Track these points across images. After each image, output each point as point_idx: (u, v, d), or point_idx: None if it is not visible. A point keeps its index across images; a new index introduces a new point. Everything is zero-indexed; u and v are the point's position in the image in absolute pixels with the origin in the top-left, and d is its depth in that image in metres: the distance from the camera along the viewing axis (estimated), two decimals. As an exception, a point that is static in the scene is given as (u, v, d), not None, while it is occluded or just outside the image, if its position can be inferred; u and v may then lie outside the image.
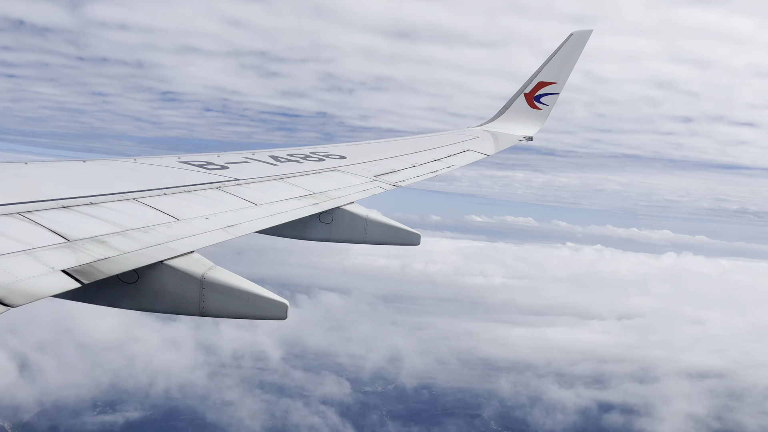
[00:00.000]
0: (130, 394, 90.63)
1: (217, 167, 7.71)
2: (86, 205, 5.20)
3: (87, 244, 4.42)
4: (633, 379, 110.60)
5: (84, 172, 6.40)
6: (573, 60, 14.39)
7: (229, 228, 5.70)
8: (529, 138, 14.99)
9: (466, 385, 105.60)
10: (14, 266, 3.82)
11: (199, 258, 4.95)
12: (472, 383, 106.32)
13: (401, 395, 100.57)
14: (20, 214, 4.63)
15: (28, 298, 3.59)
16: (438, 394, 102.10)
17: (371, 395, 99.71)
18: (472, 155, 12.52)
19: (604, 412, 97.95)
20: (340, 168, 9.31)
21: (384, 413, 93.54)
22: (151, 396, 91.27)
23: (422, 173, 10.31)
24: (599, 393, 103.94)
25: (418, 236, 7.77)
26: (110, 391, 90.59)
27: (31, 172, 5.98)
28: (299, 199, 7.22)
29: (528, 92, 15.04)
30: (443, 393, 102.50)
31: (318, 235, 7.63)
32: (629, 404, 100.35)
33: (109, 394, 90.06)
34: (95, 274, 4.09)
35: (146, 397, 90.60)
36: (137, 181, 6.35)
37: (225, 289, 4.79)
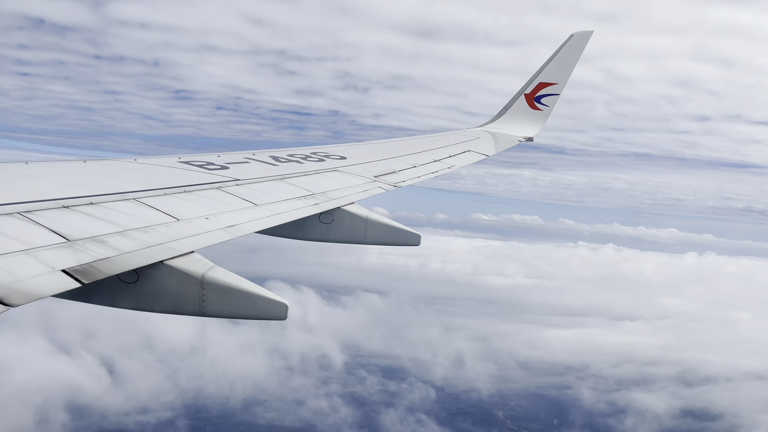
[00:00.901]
0: (210, 400, 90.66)
1: (217, 167, 7.71)
2: (86, 205, 5.20)
3: (87, 244, 4.42)
4: (679, 382, 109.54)
5: (84, 172, 6.40)
6: (573, 61, 14.40)
7: (230, 228, 5.70)
8: (529, 139, 14.99)
9: (530, 390, 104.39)
10: (14, 266, 3.82)
11: (199, 258, 4.95)
12: (531, 388, 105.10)
13: (479, 400, 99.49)
14: (20, 213, 4.63)
15: (28, 297, 3.59)
16: (510, 399, 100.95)
17: (455, 400, 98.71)
18: (473, 156, 12.53)
19: (660, 416, 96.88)
20: (341, 168, 9.31)
21: (476, 419, 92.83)
22: (231, 401, 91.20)
23: (422, 174, 10.31)
24: (648, 396, 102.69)
25: (418, 237, 7.77)
26: (189, 397, 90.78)
27: (32, 172, 5.98)
28: (299, 200, 7.22)
29: (528, 93, 15.04)
30: (515, 397, 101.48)
31: (318, 236, 7.62)
32: (686, 408, 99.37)
33: (189, 400, 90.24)
34: (95, 274, 4.09)
35: (226, 403, 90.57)
36: (137, 181, 6.35)
37: (225, 289, 4.79)
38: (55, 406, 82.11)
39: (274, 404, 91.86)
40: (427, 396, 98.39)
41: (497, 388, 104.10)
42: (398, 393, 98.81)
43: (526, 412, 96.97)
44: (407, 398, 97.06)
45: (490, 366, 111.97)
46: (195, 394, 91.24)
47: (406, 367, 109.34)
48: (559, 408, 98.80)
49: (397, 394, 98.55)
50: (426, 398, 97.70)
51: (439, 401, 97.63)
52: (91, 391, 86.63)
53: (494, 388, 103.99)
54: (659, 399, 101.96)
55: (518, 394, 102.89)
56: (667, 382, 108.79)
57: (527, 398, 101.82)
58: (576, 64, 14.45)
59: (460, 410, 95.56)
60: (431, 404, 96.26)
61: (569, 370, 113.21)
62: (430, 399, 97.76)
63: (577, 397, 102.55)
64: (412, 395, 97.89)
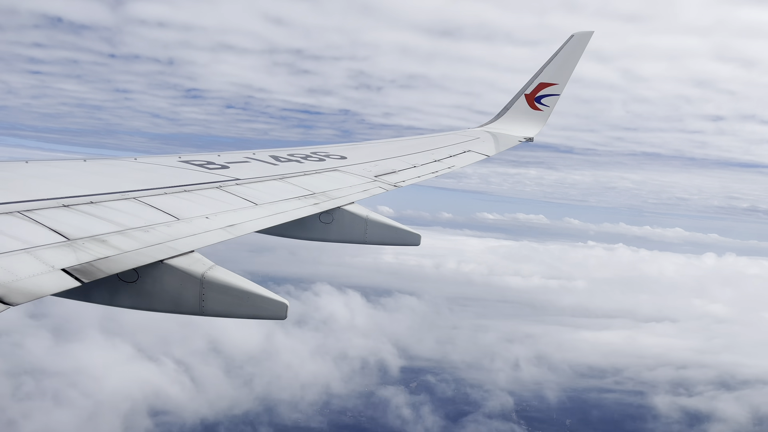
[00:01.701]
0: (283, 405, 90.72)
1: (217, 167, 7.71)
2: (86, 204, 5.20)
3: (87, 243, 4.42)
4: (718, 386, 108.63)
5: (84, 171, 6.40)
6: (574, 61, 14.39)
7: (230, 227, 5.70)
8: (529, 139, 14.99)
9: (578, 394, 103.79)
10: (14, 265, 3.82)
11: (199, 257, 4.95)
12: (578, 392, 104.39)
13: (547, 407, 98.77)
14: (21, 212, 4.63)
15: (28, 296, 3.59)
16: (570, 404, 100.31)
17: (534, 407, 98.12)
18: (473, 156, 12.52)
19: (705, 422, 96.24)
20: (341, 168, 9.31)
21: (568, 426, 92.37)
22: (302, 406, 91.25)
23: (422, 174, 10.31)
24: (691, 401, 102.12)
25: (418, 237, 7.77)
26: (264, 403, 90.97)
27: (32, 171, 5.98)
28: (300, 199, 7.21)
29: (529, 93, 15.04)
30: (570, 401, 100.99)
31: (318, 235, 7.62)
32: (728, 412, 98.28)
33: (265, 405, 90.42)
34: (95, 273, 4.09)
35: (297, 408, 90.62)
36: (138, 180, 6.35)
37: (225, 289, 4.79)
38: (139, 413, 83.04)
39: (348, 409, 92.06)
40: (503, 402, 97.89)
41: (556, 394, 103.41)
42: (469, 398, 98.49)
43: (582, 419, 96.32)
44: (478, 403, 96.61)
45: (544, 371, 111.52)
46: (268, 399, 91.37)
47: (463, 371, 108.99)
48: (607, 414, 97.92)
49: (468, 399, 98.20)
50: (501, 404, 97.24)
51: (502, 406, 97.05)
52: (173, 396, 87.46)
53: (555, 394, 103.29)
54: (701, 403, 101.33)
55: (573, 399, 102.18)
56: (706, 386, 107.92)
57: (579, 403, 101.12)
58: (576, 65, 14.44)
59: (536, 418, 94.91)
60: (504, 410, 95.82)
61: (605, 373, 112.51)
62: (503, 405, 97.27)
63: (620, 401, 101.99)
64: (490, 402, 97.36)
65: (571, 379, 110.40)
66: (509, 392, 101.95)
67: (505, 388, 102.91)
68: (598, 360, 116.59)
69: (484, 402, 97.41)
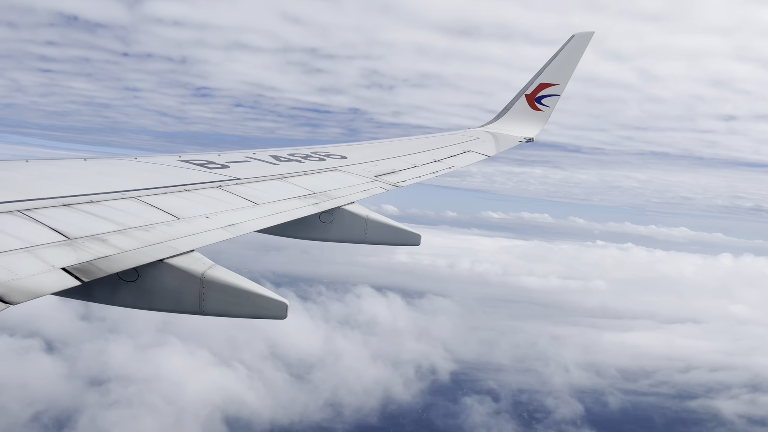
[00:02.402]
0: (347, 409, 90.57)
1: (217, 166, 7.72)
2: (87, 203, 5.21)
3: (87, 242, 4.43)
4: (753, 389, 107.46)
5: (85, 170, 6.40)
6: (574, 62, 14.39)
7: (230, 227, 5.71)
8: (529, 139, 14.99)
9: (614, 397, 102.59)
10: (14, 264, 3.82)
11: (199, 257, 4.96)
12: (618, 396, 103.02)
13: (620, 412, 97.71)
14: (21, 211, 4.64)
15: (28, 295, 3.59)
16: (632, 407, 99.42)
17: (597, 413, 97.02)
18: (473, 156, 12.53)
19: (750, 426, 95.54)
20: (341, 168, 9.31)
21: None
22: (369, 411, 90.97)
23: (423, 174, 10.32)
24: (727, 404, 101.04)
25: (418, 237, 7.77)
26: (328, 408, 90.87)
27: (32, 170, 5.99)
28: (300, 199, 7.22)
29: (529, 93, 15.04)
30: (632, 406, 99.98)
31: (318, 235, 7.63)
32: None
33: (329, 410, 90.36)
34: (95, 272, 4.10)
35: (365, 412, 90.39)
36: (138, 179, 6.35)
37: (225, 288, 4.79)
38: (216, 419, 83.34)
39: (410, 414, 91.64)
40: (572, 408, 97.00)
41: (618, 399, 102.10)
42: (534, 403, 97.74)
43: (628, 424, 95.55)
44: (547, 409, 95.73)
45: (592, 375, 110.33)
46: (335, 404, 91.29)
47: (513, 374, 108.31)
48: (648, 419, 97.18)
49: (534, 405, 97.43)
50: (571, 410, 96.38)
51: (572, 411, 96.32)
52: (247, 402, 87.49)
53: (616, 399, 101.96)
54: (739, 406, 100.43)
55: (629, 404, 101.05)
56: (740, 389, 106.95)
57: (620, 406, 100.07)
58: (577, 65, 14.45)
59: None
60: (574, 415, 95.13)
61: (637, 376, 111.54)
62: (572, 410, 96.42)
63: (658, 404, 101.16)
64: (560, 408, 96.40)
65: (614, 382, 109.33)
66: (573, 397, 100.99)
67: (563, 392, 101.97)
68: (628, 362, 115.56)
69: (555, 408, 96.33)
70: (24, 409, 79.76)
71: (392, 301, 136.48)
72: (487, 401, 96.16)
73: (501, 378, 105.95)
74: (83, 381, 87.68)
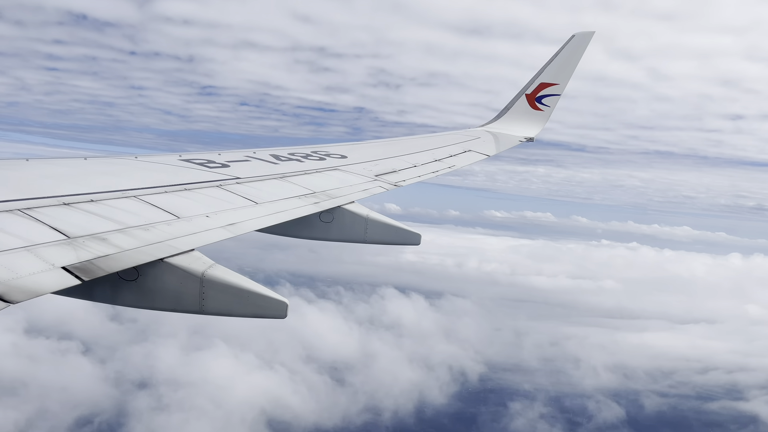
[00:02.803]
0: (386, 412, 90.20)
1: (218, 165, 7.72)
2: (87, 203, 5.21)
3: (87, 241, 4.43)
4: None
5: (85, 169, 6.40)
6: (575, 61, 14.39)
7: (230, 226, 5.71)
8: (530, 139, 14.99)
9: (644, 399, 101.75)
10: (14, 262, 3.83)
11: (199, 256, 4.96)
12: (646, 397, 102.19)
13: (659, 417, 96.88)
14: (21, 210, 4.64)
15: (28, 294, 3.59)
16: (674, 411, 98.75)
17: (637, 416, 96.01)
18: (473, 156, 12.53)
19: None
20: (341, 167, 9.31)
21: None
22: (406, 414, 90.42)
23: (423, 173, 10.31)
24: (749, 405, 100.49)
25: (418, 236, 7.77)
26: (368, 411, 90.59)
27: (32, 169, 5.99)
28: (300, 198, 7.22)
29: (529, 93, 15.04)
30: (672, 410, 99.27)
31: (318, 234, 7.63)
32: None
33: (362, 414, 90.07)
34: (95, 271, 4.10)
35: (400, 417, 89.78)
36: (138, 178, 6.35)
37: (225, 288, 4.79)
38: (261, 422, 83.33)
39: (448, 417, 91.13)
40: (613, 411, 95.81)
41: (655, 402, 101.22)
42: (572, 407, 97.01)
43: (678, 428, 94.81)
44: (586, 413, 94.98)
45: (620, 377, 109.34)
46: (373, 407, 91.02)
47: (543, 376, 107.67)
48: (684, 421, 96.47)
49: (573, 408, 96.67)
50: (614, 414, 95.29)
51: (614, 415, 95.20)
52: (291, 405, 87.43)
53: (653, 401, 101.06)
54: (760, 408, 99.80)
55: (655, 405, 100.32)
56: (760, 390, 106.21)
57: (656, 409, 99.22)
58: (577, 65, 14.44)
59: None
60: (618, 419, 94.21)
61: (656, 377, 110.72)
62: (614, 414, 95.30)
63: (684, 407, 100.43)
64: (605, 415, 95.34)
65: (644, 384, 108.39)
66: (611, 400, 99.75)
67: (601, 395, 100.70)
68: (645, 363, 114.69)
69: (596, 412, 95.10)
70: (68, 413, 79.72)
71: (415, 301, 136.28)
72: (525, 404, 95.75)
73: (533, 380, 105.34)
74: (127, 384, 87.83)
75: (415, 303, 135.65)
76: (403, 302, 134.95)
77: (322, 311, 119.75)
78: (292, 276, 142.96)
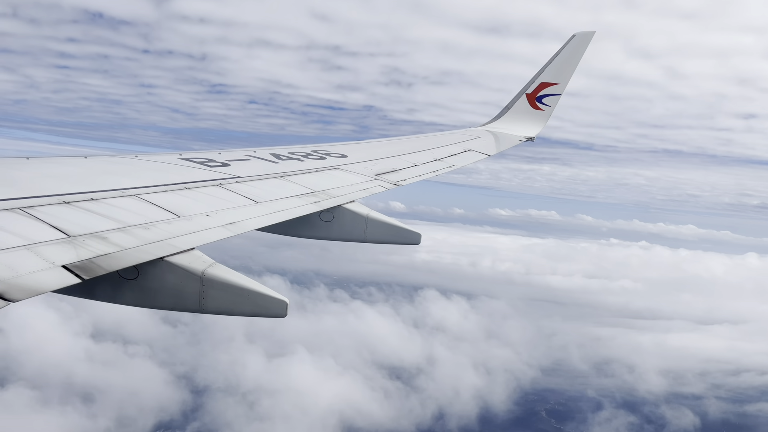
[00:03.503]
0: (450, 417, 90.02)
1: (218, 164, 7.71)
2: (87, 201, 5.21)
3: (87, 240, 4.43)
4: None
5: (85, 168, 6.40)
6: (575, 61, 14.38)
7: (230, 225, 5.71)
8: (530, 139, 14.99)
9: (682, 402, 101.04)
10: (15, 261, 3.83)
11: (199, 255, 4.96)
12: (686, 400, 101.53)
13: None
14: (21, 209, 4.64)
15: (28, 293, 3.59)
16: None
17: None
18: (473, 155, 12.53)
19: None
20: (341, 166, 9.31)
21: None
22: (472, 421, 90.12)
23: (423, 173, 10.31)
24: None
25: (418, 235, 7.77)
26: (434, 416, 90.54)
27: (33, 168, 5.99)
28: (300, 197, 7.21)
29: (530, 93, 15.03)
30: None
31: (319, 234, 7.63)
32: None
33: (434, 419, 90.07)
34: (95, 270, 4.10)
35: (467, 422, 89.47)
36: (138, 177, 6.35)
37: (225, 287, 4.80)
38: (341, 428, 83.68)
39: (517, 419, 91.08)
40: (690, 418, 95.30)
41: (718, 407, 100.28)
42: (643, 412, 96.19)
43: None
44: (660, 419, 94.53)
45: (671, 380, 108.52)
46: (445, 412, 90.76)
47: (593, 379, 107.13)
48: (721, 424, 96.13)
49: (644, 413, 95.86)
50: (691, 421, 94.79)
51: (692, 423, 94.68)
52: (369, 411, 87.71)
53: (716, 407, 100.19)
54: None
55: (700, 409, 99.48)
56: None
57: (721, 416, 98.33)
58: (578, 65, 14.43)
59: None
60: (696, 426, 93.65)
61: (689, 379, 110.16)
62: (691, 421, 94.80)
63: (724, 410, 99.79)
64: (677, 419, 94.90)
65: (689, 387, 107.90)
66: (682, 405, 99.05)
67: (671, 400, 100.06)
68: (676, 364, 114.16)
69: (673, 419, 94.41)
70: (146, 419, 79.93)
71: (456, 303, 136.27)
72: (596, 409, 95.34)
73: (591, 383, 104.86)
74: (204, 389, 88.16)
75: (457, 304, 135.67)
76: (445, 304, 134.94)
77: (382, 314, 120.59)
78: (317, 276, 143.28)
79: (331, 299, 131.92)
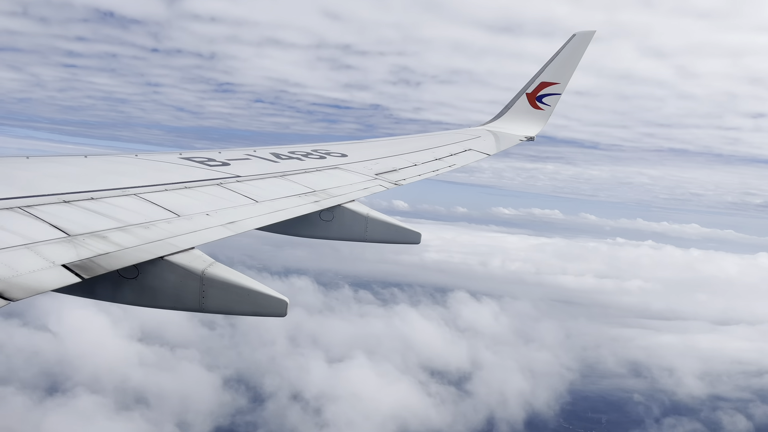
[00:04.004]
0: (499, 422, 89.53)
1: (218, 164, 7.71)
2: (87, 200, 5.21)
3: (87, 239, 4.43)
4: None
5: (85, 167, 6.40)
6: (575, 61, 14.37)
7: (230, 224, 5.70)
8: (530, 138, 14.98)
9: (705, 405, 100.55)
10: (15, 260, 3.82)
11: (199, 254, 4.96)
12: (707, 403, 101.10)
13: None
14: (21, 208, 4.64)
15: (28, 292, 3.59)
16: None
17: None
18: (474, 155, 12.53)
19: None
20: (341, 166, 9.31)
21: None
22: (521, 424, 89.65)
23: (423, 172, 10.31)
24: None
25: (418, 235, 7.77)
26: (485, 420, 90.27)
27: (33, 167, 5.99)
28: (300, 197, 7.21)
29: (530, 92, 15.03)
30: None
31: (319, 233, 7.63)
32: None
33: (486, 423, 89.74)
34: (95, 269, 4.10)
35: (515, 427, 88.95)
36: (138, 176, 6.35)
37: (225, 286, 4.79)
38: None
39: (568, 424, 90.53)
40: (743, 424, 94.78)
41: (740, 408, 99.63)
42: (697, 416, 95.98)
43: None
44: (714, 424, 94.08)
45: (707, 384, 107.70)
46: (491, 416, 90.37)
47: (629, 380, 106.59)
48: None
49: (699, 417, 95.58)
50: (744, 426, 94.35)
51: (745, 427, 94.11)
52: (426, 416, 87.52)
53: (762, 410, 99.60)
54: None
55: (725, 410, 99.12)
56: None
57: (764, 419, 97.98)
58: (578, 64, 14.42)
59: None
60: None
61: (715, 381, 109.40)
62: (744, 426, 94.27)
63: (758, 412, 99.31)
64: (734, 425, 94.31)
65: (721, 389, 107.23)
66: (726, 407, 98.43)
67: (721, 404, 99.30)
68: (696, 366, 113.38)
69: (729, 424, 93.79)
70: (203, 423, 79.80)
71: (487, 305, 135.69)
72: (649, 415, 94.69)
73: (631, 387, 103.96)
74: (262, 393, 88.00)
75: (487, 306, 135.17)
76: (476, 306, 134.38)
77: (425, 318, 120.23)
78: (335, 276, 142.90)
79: (357, 300, 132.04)
